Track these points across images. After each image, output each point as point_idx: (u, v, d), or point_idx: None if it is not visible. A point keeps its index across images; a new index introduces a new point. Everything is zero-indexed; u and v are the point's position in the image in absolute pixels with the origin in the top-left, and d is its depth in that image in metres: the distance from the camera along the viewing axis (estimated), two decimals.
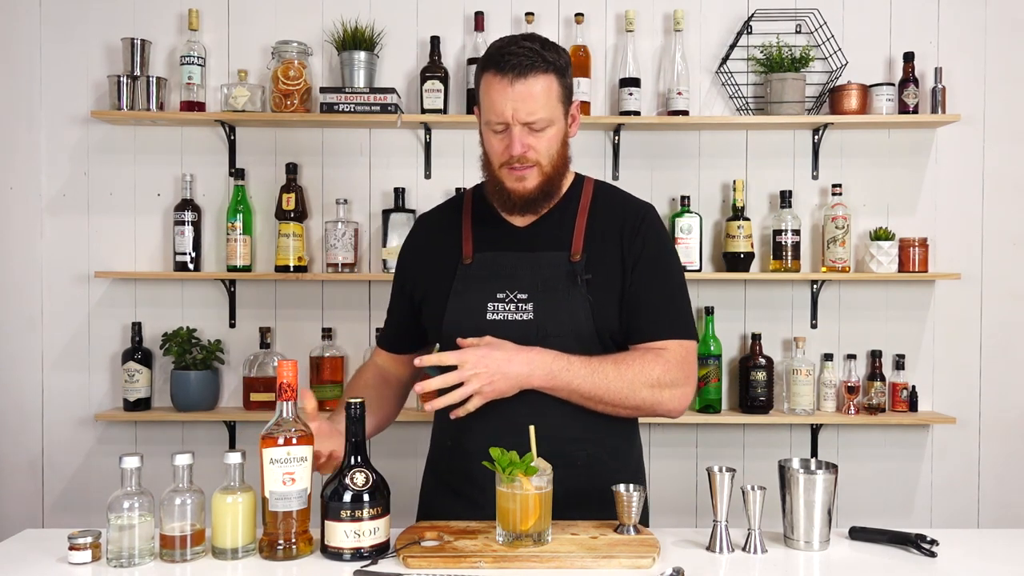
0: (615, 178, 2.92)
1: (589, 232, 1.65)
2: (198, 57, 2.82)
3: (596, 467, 1.63)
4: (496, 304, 1.60)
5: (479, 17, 2.85)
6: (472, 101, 2.81)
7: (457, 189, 2.86)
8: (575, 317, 1.59)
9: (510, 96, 1.52)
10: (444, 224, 1.74)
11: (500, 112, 1.54)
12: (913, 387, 2.89)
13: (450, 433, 1.66)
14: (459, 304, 1.63)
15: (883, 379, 2.89)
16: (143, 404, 2.83)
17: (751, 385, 2.84)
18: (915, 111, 2.84)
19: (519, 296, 1.60)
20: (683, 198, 2.86)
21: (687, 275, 2.75)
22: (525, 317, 1.59)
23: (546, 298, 1.59)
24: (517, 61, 1.52)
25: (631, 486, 1.47)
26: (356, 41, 2.82)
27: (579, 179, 1.72)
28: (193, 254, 2.84)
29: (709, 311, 2.88)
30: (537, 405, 1.56)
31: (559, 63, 1.57)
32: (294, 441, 1.37)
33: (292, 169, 2.86)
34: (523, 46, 1.54)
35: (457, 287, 1.64)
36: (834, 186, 2.86)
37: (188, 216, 2.83)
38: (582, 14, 2.85)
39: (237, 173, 2.86)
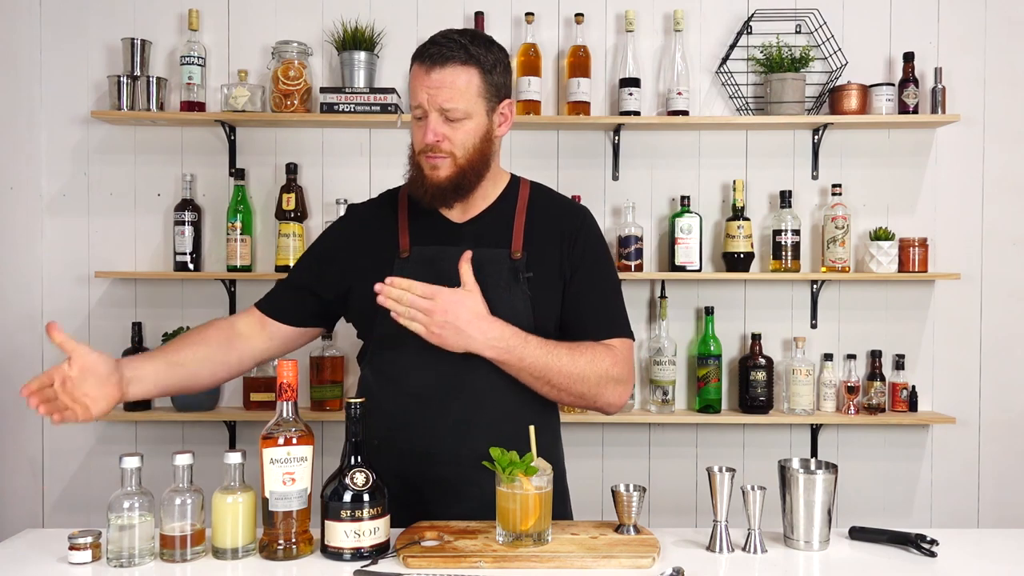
0: (615, 178, 2.92)
1: (528, 231, 1.65)
2: (198, 57, 2.82)
3: None
4: None
5: (479, 17, 2.85)
6: None
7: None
8: (516, 313, 1.59)
9: (426, 83, 1.55)
10: (379, 216, 1.72)
11: (419, 100, 1.56)
12: (913, 387, 2.89)
13: (378, 432, 1.60)
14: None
15: (883, 379, 2.89)
16: (143, 404, 2.83)
17: (751, 385, 2.84)
18: (915, 111, 2.84)
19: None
20: (683, 198, 2.86)
21: (687, 275, 2.81)
22: None
23: (487, 294, 1.58)
24: (437, 51, 1.55)
25: (631, 486, 1.48)
26: (356, 41, 2.82)
27: (515, 180, 1.73)
28: (193, 254, 2.84)
29: (709, 311, 2.88)
30: (470, 406, 1.57)
31: (485, 59, 1.57)
32: (294, 441, 1.38)
33: (292, 169, 2.86)
34: (450, 38, 1.56)
35: None
36: (834, 186, 2.86)
37: (188, 216, 2.83)
38: (582, 14, 2.85)
39: (237, 173, 2.86)
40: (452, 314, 1.49)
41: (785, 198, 2.86)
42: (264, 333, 1.72)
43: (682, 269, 2.82)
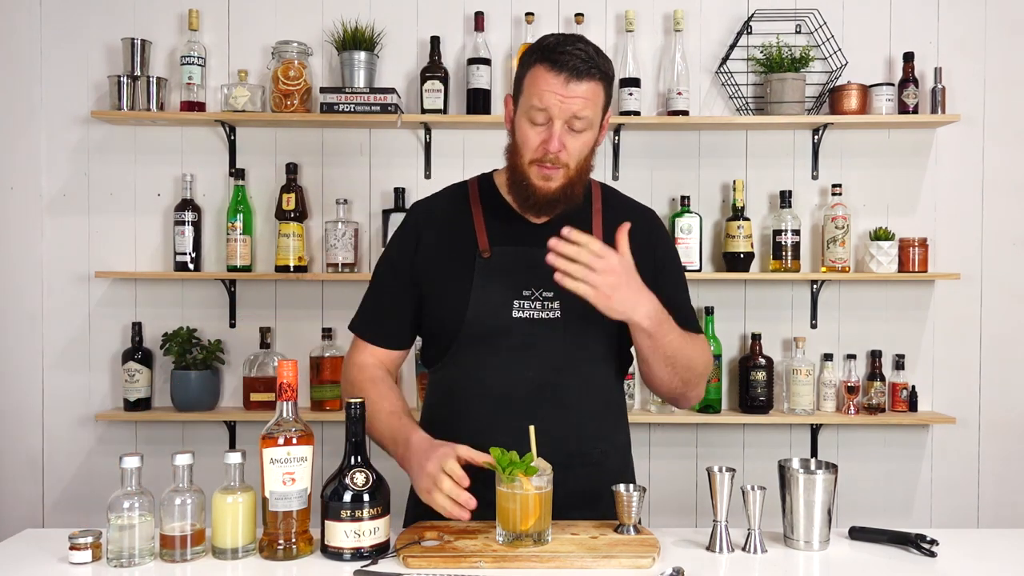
0: (615, 178, 2.92)
1: (607, 232, 1.65)
2: (198, 57, 2.82)
3: (607, 463, 1.65)
4: (521, 301, 1.58)
5: (479, 17, 2.85)
6: (473, 101, 2.82)
7: None
8: (602, 316, 1.58)
9: (560, 92, 1.51)
10: (450, 214, 1.67)
11: (547, 105, 1.52)
12: (913, 387, 2.89)
13: (467, 434, 1.57)
14: (482, 299, 1.58)
15: (883, 379, 2.89)
16: (143, 404, 2.83)
17: (751, 385, 2.84)
18: (915, 111, 2.84)
19: (545, 294, 1.58)
20: (683, 198, 2.86)
21: (687, 275, 2.77)
22: (552, 315, 1.58)
23: (573, 296, 1.56)
24: (574, 64, 1.51)
25: (631, 486, 1.48)
26: (356, 41, 2.82)
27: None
28: (193, 254, 2.83)
29: (709, 311, 2.88)
30: (556, 407, 1.56)
31: (609, 73, 1.58)
32: (294, 441, 1.38)
33: (292, 169, 2.86)
34: (580, 48, 1.54)
35: (478, 282, 1.59)
36: (834, 186, 2.86)
37: (188, 216, 2.83)
38: (582, 14, 2.85)
39: (237, 173, 2.86)
40: (625, 276, 1.46)
41: (785, 198, 2.86)
42: (394, 363, 1.71)
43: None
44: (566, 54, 1.52)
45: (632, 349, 1.72)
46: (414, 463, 1.45)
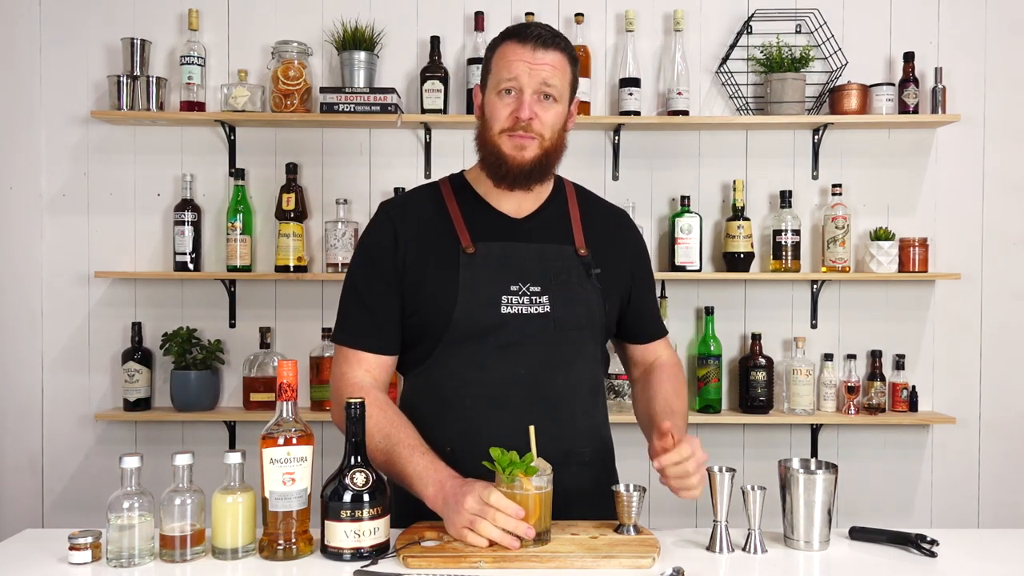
0: (615, 178, 2.92)
1: (586, 230, 1.66)
2: (198, 57, 2.82)
3: (598, 463, 1.66)
4: (510, 297, 1.57)
5: (479, 17, 2.85)
6: (473, 101, 2.81)
7: None
8: (590, 311, 1.60)
9: (529, 60, 1.54)
10: (426, 212, 1.64)
11: (516, 73, 1.54)
12: (913, 387, 2.89)
13: (450, 438, 1.57)
14: (471, 296, 1.55)
15: (883, 379, 2.89)
16: (143, 404, 2.83)
17: (751, 385, 2.84)
18: (915, 111, 2.84)
19: (532, 289, 1.57)
20: (683, 198, 2.86)
21: (687, 275, 2.81)
22: (540, 310, 1.57)
23: (560, 291, 1.58)
24: (539, 34, 1.56)
25: (631, 485, 1.47)
26: (356, 41, 2.82)
27: (559, 179, 1.73)
28: (193, 254, 2.83)
29: (709, 311, 2.88)
30: (548, 405, 1.56)
31: (574, 53, 1.62)
32: (294, 441, 1.37)
33: (292, 169, 2.86)
34: (547, 28, 1.59)
35: (465, 278, 1.56)
36: (834, 186, 2.86)
37: (188, 216, 2.83)
38: (582, 14, 2.85)
39: (237, 173, 2.86)
40: (701, 455, 1.48)
41: (785, 198, 2.86)
42: (387, 371, 1.63)
43: (682, 269, 2.82)
44: (531, 26, 1.58)
45: (610, 348, 1.77)
46: (451, 502, 1.38)
